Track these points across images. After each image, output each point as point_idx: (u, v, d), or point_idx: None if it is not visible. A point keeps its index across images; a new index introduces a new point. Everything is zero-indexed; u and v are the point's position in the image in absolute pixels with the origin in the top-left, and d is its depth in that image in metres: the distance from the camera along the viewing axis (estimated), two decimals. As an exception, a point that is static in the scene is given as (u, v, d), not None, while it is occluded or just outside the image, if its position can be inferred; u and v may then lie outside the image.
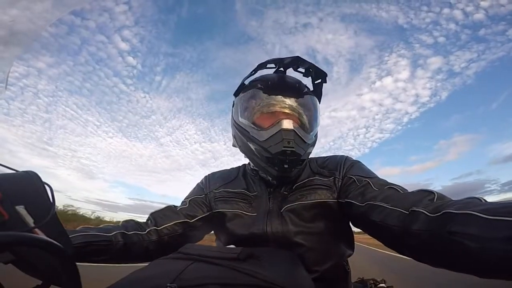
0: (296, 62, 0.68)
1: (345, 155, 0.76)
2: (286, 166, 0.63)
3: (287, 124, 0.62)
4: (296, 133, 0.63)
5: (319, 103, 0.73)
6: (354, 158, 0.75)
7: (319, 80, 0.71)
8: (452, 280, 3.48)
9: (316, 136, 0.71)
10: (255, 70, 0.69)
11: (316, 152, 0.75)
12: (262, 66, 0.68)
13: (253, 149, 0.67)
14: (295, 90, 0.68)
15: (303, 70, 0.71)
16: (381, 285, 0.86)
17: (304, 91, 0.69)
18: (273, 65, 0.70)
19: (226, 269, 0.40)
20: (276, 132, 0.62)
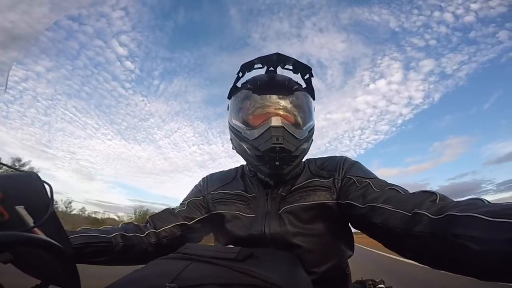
0: (280, 59, 0.68)
1: (344, 155, 0.75)
2: (277, 163, 0.63)
3: (276, 121, 0.63)
4: (286, 129, 0.63)
5: (314, 99, 0.73)
6: (352, 159, 0.74)
7: (307, 75, 0.70)
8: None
9: (311, 131, 0.70)
10: (242, 72, 0.69)
11: (313, 153, 0.75)
12: (247, 66, 0.68)
13: (246, 149, 0.67)
14: (285, 88, 0.68)
15: (291, 67, 0.70)
16: (380, 285, 0.86)
17: (294, 88, 0.69)
18: (260, 65, 0.70)
19: (225, 269, 0.40)
20: (265, 130, 0.63)
